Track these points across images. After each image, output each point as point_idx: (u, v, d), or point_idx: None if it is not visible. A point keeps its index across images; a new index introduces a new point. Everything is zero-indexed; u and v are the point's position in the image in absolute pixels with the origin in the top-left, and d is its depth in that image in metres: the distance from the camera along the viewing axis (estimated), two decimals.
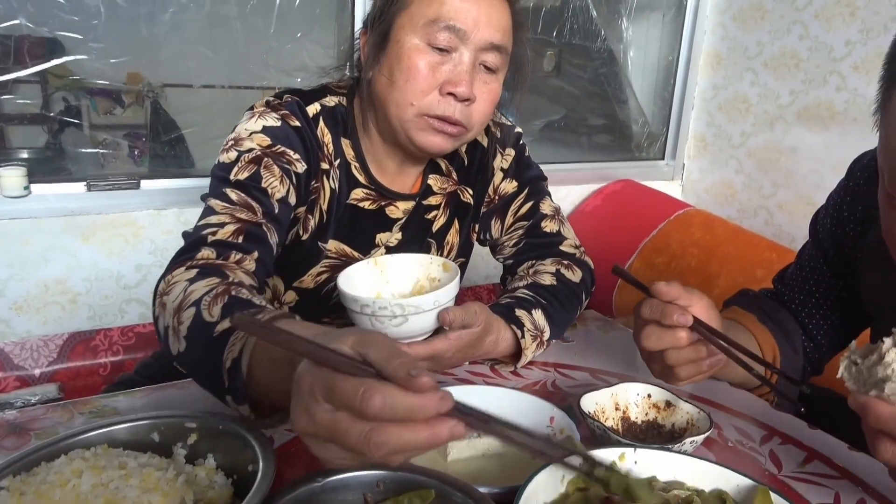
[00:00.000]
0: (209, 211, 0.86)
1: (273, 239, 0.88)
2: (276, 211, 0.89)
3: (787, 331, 1.00)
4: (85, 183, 1.67)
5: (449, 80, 0.92)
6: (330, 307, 1.06)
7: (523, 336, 0.94)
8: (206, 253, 0.80)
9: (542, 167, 1.18)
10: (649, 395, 0.81)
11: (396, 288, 0.94)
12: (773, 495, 0.58)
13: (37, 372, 1.55)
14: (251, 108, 0.95)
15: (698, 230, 2.05)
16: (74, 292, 1.69)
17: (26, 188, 1.59)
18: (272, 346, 0.53)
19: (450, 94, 0.92)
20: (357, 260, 1.00)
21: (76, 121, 1.74)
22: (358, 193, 1.02)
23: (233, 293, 0.72)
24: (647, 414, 0.80)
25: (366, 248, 1.03)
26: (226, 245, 0.82)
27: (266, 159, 0.90)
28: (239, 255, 0.82)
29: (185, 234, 0.85)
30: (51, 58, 1.64)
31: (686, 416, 0.77)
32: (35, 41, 1.62)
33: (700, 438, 0.71)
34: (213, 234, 0.82)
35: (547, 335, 0.98)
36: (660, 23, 2.50)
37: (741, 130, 2.35)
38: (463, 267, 1.16)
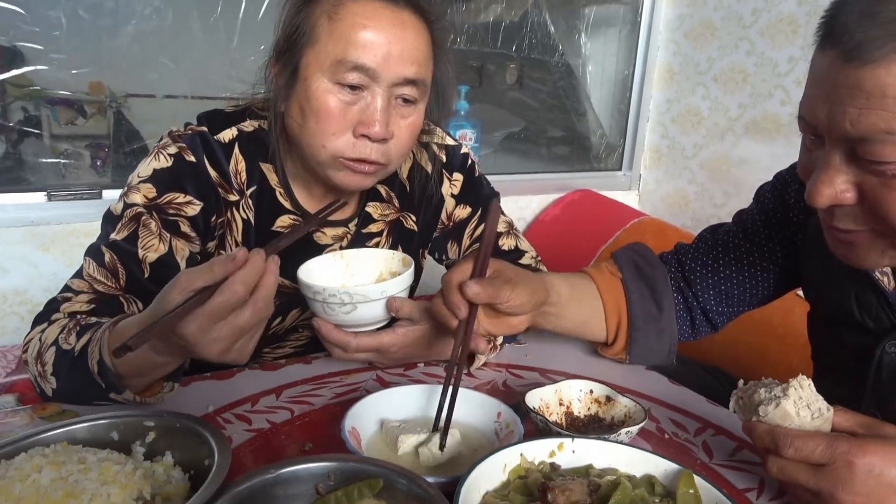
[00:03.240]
0: (78, 273, 0.90)
1: (131, 308, 0.89)
2: (146, 276, 0.89)
3: (656, 288, 1.05)
4: (45, 193, 1.67)
5: (362, 121, 0.88)
6: (269, 337, 1.07)
7: None
8: (58, 318, 0.86)
9: (503, 178, 1.21)
10: (591, 391, 0.85)
11: (360, 279, 0.98)
12: (695, 478, 0.63)
13: None
14: (160, 139, 0.96)
15: (652, 238, 2.12)
16: (34, 303, 1.67)
17: None
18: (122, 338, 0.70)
19: (364, 135, 0.89)
20: (288, 289, 0.99)
21: (36, 131, 1.73)
22: (284, 220, 1.01)
23: (82, 323, 0.82)
24: (588, 408, 0.85)
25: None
26: (76, 315, 0.86)
27: (146, 216, 0.90)
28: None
29: (49, 302, 0.89)
30: (10, 68, 1.64)
31: (624, 409, 0.82)
32: None
33: (635, 429, 0.76)
34: (68, 302, 0.87)
35: (500, 339, 1.02)
36: (616, 38, 2.59)
37: (693, 142, 2.44)
38: (413, 290, 1.17)
